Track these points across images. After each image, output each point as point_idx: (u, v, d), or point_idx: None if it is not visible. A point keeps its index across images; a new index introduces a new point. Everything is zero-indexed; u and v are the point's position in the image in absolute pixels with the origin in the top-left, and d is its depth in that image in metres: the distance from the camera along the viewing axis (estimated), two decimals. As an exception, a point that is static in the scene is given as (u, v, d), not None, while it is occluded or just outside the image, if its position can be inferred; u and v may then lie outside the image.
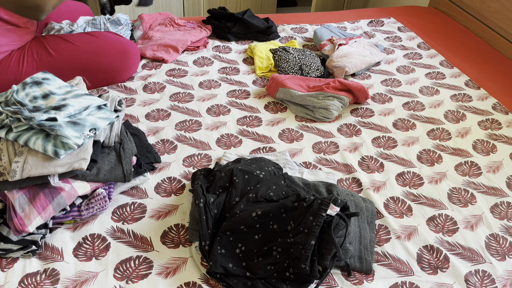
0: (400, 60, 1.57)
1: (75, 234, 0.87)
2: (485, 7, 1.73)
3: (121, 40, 1.31)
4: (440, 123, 1.26)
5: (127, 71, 1.33)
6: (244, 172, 0.89)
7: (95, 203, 0.87)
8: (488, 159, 1.13)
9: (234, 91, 1.35)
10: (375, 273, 0.83)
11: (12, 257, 0.81)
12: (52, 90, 0.91)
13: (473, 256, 0.87)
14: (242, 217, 0.81)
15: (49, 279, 0.78)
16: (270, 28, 1.66)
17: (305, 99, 1.24)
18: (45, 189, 0.82)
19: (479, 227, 0.93)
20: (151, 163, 1.02)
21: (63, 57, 1.22)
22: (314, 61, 1.44)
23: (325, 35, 1.61)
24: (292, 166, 1.05)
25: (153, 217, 0.91)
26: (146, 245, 0.86)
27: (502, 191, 1.03)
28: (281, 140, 1.15)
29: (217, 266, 0.77)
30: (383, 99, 1.35)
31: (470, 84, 1.45)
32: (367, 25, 1.83)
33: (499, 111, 1.32)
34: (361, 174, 1.05)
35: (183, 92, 1.32)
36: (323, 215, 0.76)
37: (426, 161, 1.11)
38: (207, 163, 1.06)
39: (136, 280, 0.79)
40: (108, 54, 1.27)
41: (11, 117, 0.82)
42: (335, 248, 0.75)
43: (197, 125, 1.19)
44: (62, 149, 0.80)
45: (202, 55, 1.53)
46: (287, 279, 0.78)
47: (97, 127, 0.86)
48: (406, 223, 0.93)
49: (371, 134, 1.19)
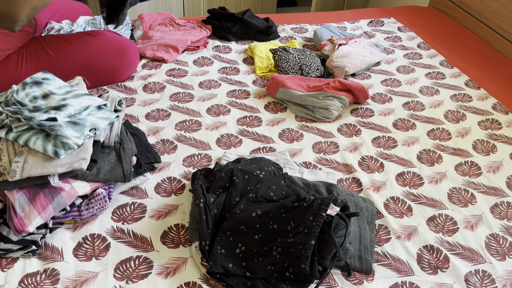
0: (400, 60, 1.57)
1: (75, 234, 0.87)
2: (485, 7, 1.73)
3: (120, 39, 1.31)
4: (440, 123, 1.26)
5: (126, 70, 1.33)
6: (244, 172, 0.89)
7: (95, 203, 0.87)
8: (488, 159, 1.13)
9: (234, 91, 1.35)
10: (375, 273, 0.83)
11: (12, 257, 0.81)
12: (52, 90, 0.91)
13: (473, 256, 0.87)
14: (242, 217, 0.81)
15: (49, 279, 0.78)
16: (270, 28, 1.66)
17: (305, 99, 1.24)
18: (45, 189, 0.82)
19: (479, 227, 0.93)
20: (151, 163, 1.02)
21: (61, 57, 1.22)
22: (314, 61, 1.44)
23: (325, 35, 1.61)
24: (292, 166, 1.04)
25: (153, 217, 0.91)
26: (146, 245, 0.86)
27: (502, 191, 1.03)
28: (281, 140, 1.15)
29: (217, 266, 0.77)
30: (383, 99, 1.35)
31: (470, 84, 1.45)
32: (367, 25, 1.83)
33: (499, 111, 1.32)
34: (361, 174, 1.05)
35: (183, 92, 1.32)
36: (323, 215, 0.76)
37: (426, 161, 1.11)
38: (207, 163, 1.06)
39: (136, 280, 0.79)
40: (107, 53, 1.27)
41: (11, 117, 0.82)
42: (335, 248, 0.75)
43: (197, 125, 1.19)
44: (62, 149, 0.80)
45: (202, 55, 1.53)
46: (287, 279, 0.78)
47: (97, 127, 0.86)
48: (406, 223, 0.93)
49: (371, 134, 1.19)
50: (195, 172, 0.96)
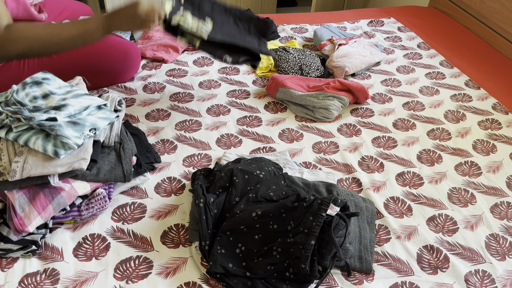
0: (400, 60, 1.57)
1: (75, 234, 0.87)
2: (485, 7, 1.73)
3: (122, 42, 1.31)
4: (440, 123, 1.26)
5: (128, 72, 1.33)
6: (244, 172, 0.89)
7: (95, 203, 0.87)
8: (488, 159, 1.13)
9: (234, 91, 1.35)
10: (375, 273, 0.83)
11: (12, 257, 0.81)
12: (52, 90, 0.91)
13: (473, 256, 0.87)
14: (242, 217, 0.81)
15: (49, 279, 0.78)
16: (270, 28, 1.66)
17: (305, 99, 1.24)
18: (45, 189, 0.82)
19: (479, 227, 0.93)
20: (151, 163, 1.02)
21: (64, 59, 1.22)
22: (314, 61, 1.44)
23: (325, 35, 1.61)
24: (292, 166, 1.04)
25: (153, 217, 0.91)
26: (146, 245, 0.86)
27: (502, 191, 1.03)
28: (281, 140, 1.15)
29: (217, 266, 0.77)
30: (383, 99, 1.35)
31: (470, 84, 1.45)
32: (367, 25, 1.83)
33: (499, 111, 1.32)
34: (361, 174, 1.05)
35: (183, 92, 1.32)
36: (323, 215, 0.76)
37: (426, 161, 1.11)
38: (207, 163, 1.06)
39: (136, 280, 0.79)
40: (109, 55, 1.27)
41: (11, 117, 0.82)
42: (335, 248, 0.75)
43: (197, 125, 1.19)
44: (62, 149, 0.80)
45: (202, 55, 1.53)
46: (287, 279, 0.78)
47: (97, 127, 0.86)
48: (406, 223, 0.93)
49: (371, 134, 1.19)
50: (195, 172, 0.96)
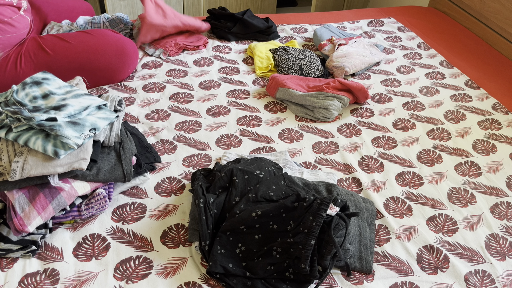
0: (400, 60, 1.57)
1: (75, 234, 0.87)
2: (485, 7, 1.73)
3: (118, 38, 1.30)
4: (440, 123, 1.26)
5: (125, 69, 1.33)
6: (244, 172, 0.89)
7: (95, 203, 0.87)
8: (488, 159, 1.13)
9: (234, 91, 1.35)
10: (375, 273, 0.83)
11: (12, 257, 0.81)
12: (52, 90, 0.91)
13: (473, 256, 0.87)
14: (242, 217, 0.81)
15: (49, 279, 0.78)
16: (270, 28, 1.66)
17: (305, 99, 1.24)
18: (45, 189, 0.82)
19: (479, 227, 0.93)
20: (151, 163, 1.02)
21: (60, 56, 1.22)
22: (314, 61, 1.44)
23: (325, 35, 1.61)
24: (292, 166, 1.04)
25: (153, 217, 0.91)
26: (146, 245, 0.86)
27: (502, 191, 1.03)
28: (281, 140, 1.15)
29: (217, 266, 0.77)
30: (383, 99, 1.35)
31: (470, 84, 1.45)
32: (367, 25, 1.83)
33: (499, 111, 1.32)
34: (361, 174, 1.05)
35: (183, 92, 1.32)
36: (323, 215, 0.76)
37: (426, 161, 1.11)
38: (207, 163, 1.06)
39: (136, 280, 0.79)
40: (105, 52, 1.26)
41: (11, 117, 0.82)
42: (335, 248, 0.75)
43: (197, 125, 1.19)
44: (62, 149, 0.80)
45: (202, 55, 1.53)
46: (287, 279, 0.78)
47: (97, 127, 0.86)
48: (406, 223, 0.93)
49: (371, 134, 1.19)
50: (195, 172, 0.96)
